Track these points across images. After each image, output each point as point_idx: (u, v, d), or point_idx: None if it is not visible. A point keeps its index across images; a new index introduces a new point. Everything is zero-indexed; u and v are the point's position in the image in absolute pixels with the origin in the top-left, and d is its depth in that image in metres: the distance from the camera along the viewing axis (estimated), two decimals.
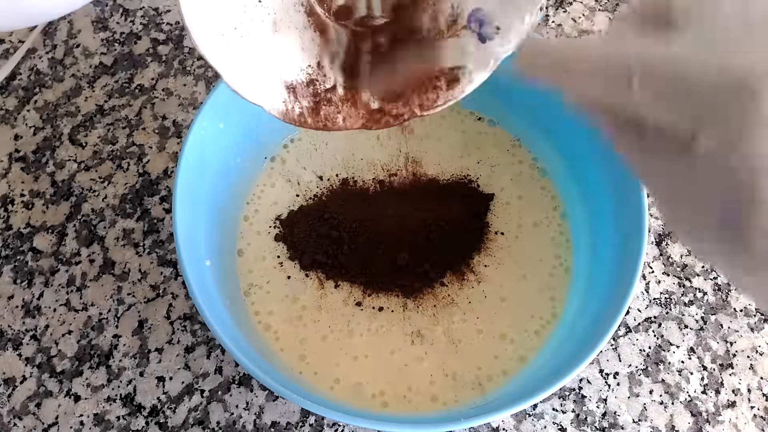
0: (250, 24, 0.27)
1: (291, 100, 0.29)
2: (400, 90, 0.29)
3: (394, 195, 0.42)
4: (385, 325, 0.38)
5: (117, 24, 0.51)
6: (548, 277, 0.40)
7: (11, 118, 0.47)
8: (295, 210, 0.42)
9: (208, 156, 0.37)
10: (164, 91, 0.48)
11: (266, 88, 0.28)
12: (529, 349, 0.38)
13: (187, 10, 0.25)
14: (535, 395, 0.30)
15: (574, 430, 0.38)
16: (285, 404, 0.38)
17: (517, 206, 0.42)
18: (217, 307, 0.34)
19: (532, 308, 0.39)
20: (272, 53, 0.28)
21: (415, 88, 0.29)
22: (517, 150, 0.44)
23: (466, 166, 0.43)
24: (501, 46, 0.27)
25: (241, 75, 0.27)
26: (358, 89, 0.30)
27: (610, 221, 0.37)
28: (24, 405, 0.38)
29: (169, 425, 0.38)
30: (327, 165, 0.43)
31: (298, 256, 0.40)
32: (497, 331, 0.38)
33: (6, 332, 0.40)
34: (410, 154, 0.44)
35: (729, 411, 0.38)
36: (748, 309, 0.41)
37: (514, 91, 0.42)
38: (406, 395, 0.36)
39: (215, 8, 0.26)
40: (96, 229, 0.43)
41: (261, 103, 0.28)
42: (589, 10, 0.52)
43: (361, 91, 0.30)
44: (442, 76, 0.29)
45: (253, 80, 0.28)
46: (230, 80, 0.27)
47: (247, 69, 0.28)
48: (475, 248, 0.40)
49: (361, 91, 0.30)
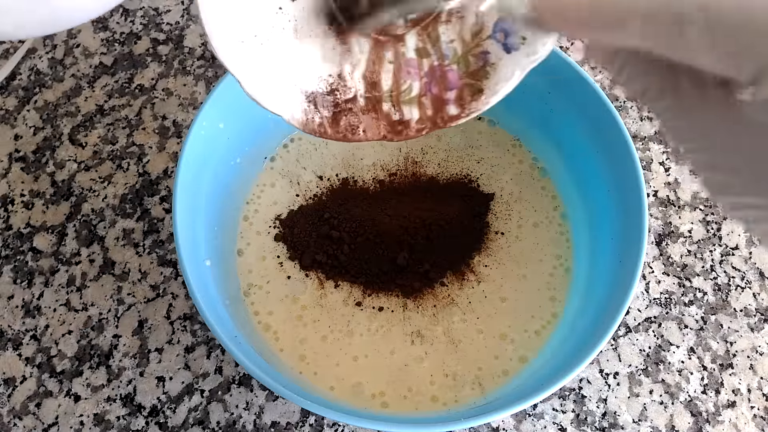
0: (271, 31, 0.27)
1: (311, 109, 0.28)
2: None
3: (394, 195, 0.42)
4: (385, 325, 0.38)
5: (117, 24, 0.51)
6: (548, 277, 0.40)
7: (11, 118, 0.47)
8: (295, 210, 0.42)
9: (208, 156, 0.37)
10: (164, 91, 0.48)
11: (286, 96, 0.28)
12: (529, 349, 0.38)
13: (207, 15, 0.24)
14: (535, 395, 0.30)
15: (574, 430, 0.38)
16: (285, 404, 0.38)
17: (517, 206, 0.42)
18: (217, 307, 0.34)
19: (532, 308, 0.39)
20: (293, 61, 0.28)
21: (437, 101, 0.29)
22: (517, 150, 0.44)
23: (466, 166, 0.43)
24: (527, 56, 0.27)
25: (261, 83, 0.27)
26: (380, 100, 0.29)
27: (610, 221, 0.37)
28: (24, 405, 0.38)
29: (169, 425, 0.38)
30: (327, 165, 0.43)
31: (298, 256, 0.40)
32: (497, 331, 0.38)
33: (6, 332, 0.40)
34: (410, 154, 0.44)
35: (729, 411, 0.38)
36: (748, 309, 0.41)
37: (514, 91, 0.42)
38: (406, 395, 0.36)
39: (236, 14, 0.25)
40: (96, 229, 0.43)
41: (280, 112, 0.27)
42: None
43: (382, 101, 0.29)
44: (465, 87, 0.28)
45: (272, 89, 0.27)
46: (249, 88, 0.26)
47: (266, 77, 0.27)
48: (475, 248, 0.40)
49: (383, 102, 0.29)
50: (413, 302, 0.39)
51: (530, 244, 0.41)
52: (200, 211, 0.36)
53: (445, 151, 0.44)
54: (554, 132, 0.41)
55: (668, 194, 0.45)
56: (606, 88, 0.49)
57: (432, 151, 0.44)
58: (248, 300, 0.39)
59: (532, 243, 0.41)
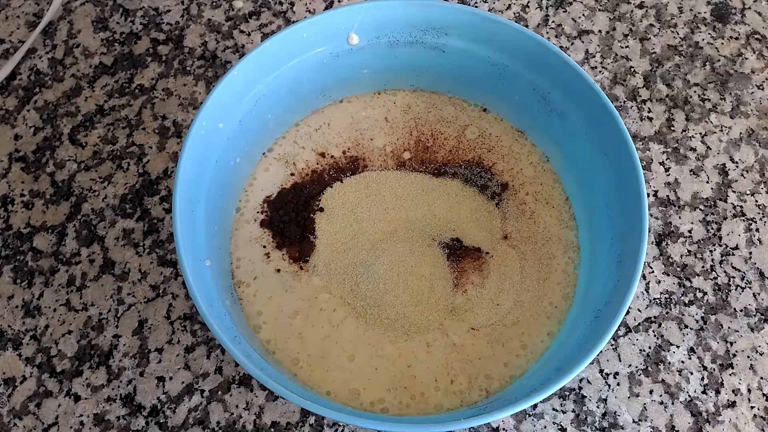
0: None
1: None
2: None
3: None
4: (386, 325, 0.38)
5: (117, 24, 0.51)
6: (549, 277, 0.40)
7: (11, 118, 0.47)
8: (287, 188, 0.42)
9: (208, 156, 0.37)
10: (164, 91, 0.48)
11: None
12: (530, 350, 0.37)
13: None
14: (535, 395, 0.30)
15: (574, 430, 0.38)
16: (285, 404, 0.38)
17: (518, 207, 0.42)
18: (217, 307, 0.34)
19: (533, 308, 0.39)
20: None
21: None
22: (523, 146, 0.44)
23: (477, 155, 0.43)
24: None
25: None
26: None
27: (610, 221, 0.37)
28: (24, 405, 0.38)
29: (169, 425, 0.38)
30: (331, 143, 0.43)
31: (285, 244, 0.40)
32: (498, 331, 0.38)
33: (6, 332, 0.40)
34: (421, 138, 0.44)
35: (729, 411, 0.38)
36: (748, 309, 0.41)
37: (514, 92, 0.42)
38: (406, 396, 0.36)
39: None
40: (96, 229, 0.43)
41: None
42: (589, 10, 0.52)
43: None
44: None
45: None
46: None
47: None
48: (478, 249, 0.40)
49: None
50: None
51: (532, 244, 0.41)
52: (200, 211, 0.36)
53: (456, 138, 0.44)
54: (554, 132, 0.41)
55: (668, 194, 0.45)
56: (606, 88, 0.49)
57: (443, 137, 0.44)
58: (243, 301, 0.39)
59: (534, 244, 0.41)
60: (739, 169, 0.46)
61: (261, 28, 0.51)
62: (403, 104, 0.45)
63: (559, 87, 0.39)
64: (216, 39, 0.50)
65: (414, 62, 0.42)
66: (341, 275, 0.39)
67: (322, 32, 0.39)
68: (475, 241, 0.41)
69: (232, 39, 0.50)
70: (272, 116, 0.42)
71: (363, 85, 0.45)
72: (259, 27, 0.51)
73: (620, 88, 0.49)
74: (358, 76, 0.43)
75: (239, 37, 0.50)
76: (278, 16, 0.51)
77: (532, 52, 0.39)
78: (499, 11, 0.52)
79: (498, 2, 0.53)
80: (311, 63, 0.41)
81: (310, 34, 0.39)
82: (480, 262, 0.40)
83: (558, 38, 0.51)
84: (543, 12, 0.52)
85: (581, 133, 0.39)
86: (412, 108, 0.45)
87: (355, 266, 0.39)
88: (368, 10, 0.39)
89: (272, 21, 0.51)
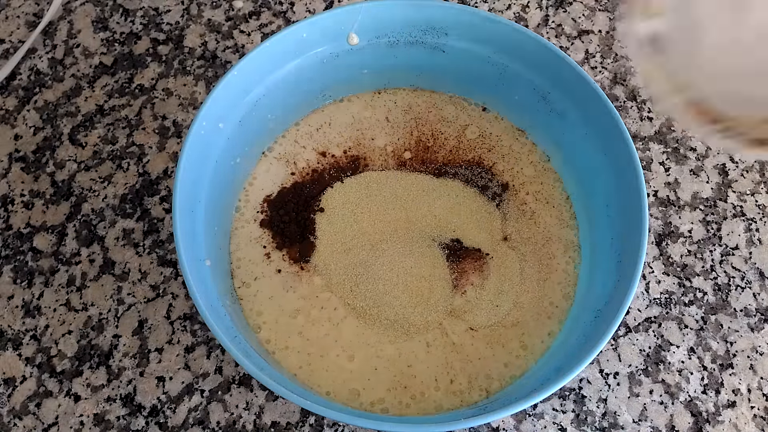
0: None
1: None
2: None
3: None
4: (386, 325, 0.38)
5: (117, 24, 0.51)
6: (550, 277, 0.40)
7: (11, 118, 0.47)
8: (288, 187, 0.42)
9: (208, 156, 0.37)
10: (164, 91, 0.48)
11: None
12: (530, 350, 0.37)
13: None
14: (535, 395, 0.30)
15: (574, 430, 0.38)
16: (285, 404, 0.38)
17: (518, 208, 0.42)
18: (217, 307, 0.34)
19: (533, 309, 0.39)
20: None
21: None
22: (523, 145, 0.44)
23: (478, 155, 0.43)
24: None
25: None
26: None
27: (610, 221, 0.37)
28: (24, 405, 0.38)
29: (169, 425, 0.38)
30: (332, 143, 0.43)
31: (286, 244, 0.40)
32: (498, 332, 0.38)
33: (6, 332, 0.40)
34: (422, 138, 0.44)
35: (729, 411, 0.38)
36: (748, 309, 0.41)
37: (514, 92, 0.42)
38: (406, 396, 0.36)
39: None
40: (96, 229, 0.43)
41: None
42: (589, 10, 0.52)
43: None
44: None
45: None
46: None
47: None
48: (478, 250, 0.40)
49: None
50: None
51: (532, 245, 0.41)
52: (200, 211, 0.36)
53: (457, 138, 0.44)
54: (554, 132, 0.41)
55: (668, 194, 0.45)
56: (606, 88, 0.49)
57: (443, 137, 0.44)
58: (243, 301, 0.39)
59: (533, 244, 0.41)
60: (739, 169, 0.46)
61: (261, 28, 0.51)
62: (404, 104, 0.45)
63: (559, 87, 0.39)
64: (216, 39, 0.50)
65: (414, 62, 0.42)
66: (341, 275, 0.39)
67: (322, 32, 0.39)
68: (475, 242, 0.41)
69: (232, 39, 0.50)
70: (272, 116, 0.42)
71: (363, 85, 0.45)
72: (259, 27, 0.51)
73: (620, 88, 0.49)
74: (358, 76, 0.43)
75: (239, 37, 0.50)
76: (278, 16, 0.52)
77: (532, 52, 0.39)
78: (499, 11, 0.52)
79: (498, 2, 0.53)
80: (311, 63, 0.41)
81: (310, 34, 0.39)
82: (480, 264, 0.40)
83: (558, 38, 0.51)
84: (543, 12, 0.52)
85: (581, 133, 0.39)
86: (412, 108, 0.45)
87: (355, 266, 0.39)
88: (368, 10, 0.39)
89: (272, 21, 0.51)
